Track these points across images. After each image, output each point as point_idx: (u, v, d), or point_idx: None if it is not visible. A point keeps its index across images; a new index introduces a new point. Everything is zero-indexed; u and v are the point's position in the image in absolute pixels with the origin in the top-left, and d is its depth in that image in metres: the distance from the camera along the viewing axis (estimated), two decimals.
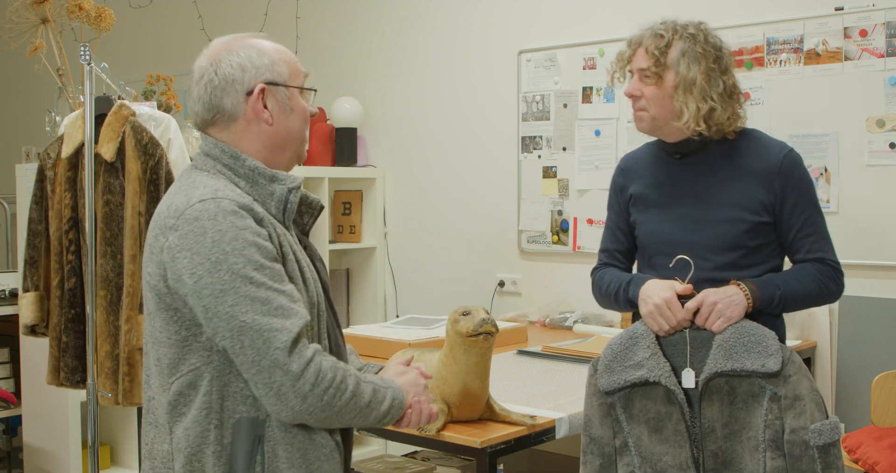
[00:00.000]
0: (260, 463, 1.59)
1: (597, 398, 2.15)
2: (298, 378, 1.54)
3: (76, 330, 3.16)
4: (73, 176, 3.15)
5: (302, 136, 1.75)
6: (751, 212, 2.19)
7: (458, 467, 3.31)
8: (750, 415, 2.05)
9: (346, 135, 4.66)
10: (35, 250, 3.22)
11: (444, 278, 4.54)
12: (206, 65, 1.71)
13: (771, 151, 2.24)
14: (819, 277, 2.21)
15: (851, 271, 3.46)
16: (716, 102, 2.17)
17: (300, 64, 1.76)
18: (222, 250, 1.54)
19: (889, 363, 3.31)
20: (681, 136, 2.24)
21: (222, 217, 1.56)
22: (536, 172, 4.22)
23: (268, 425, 1.60)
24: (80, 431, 3.90)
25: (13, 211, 5.38)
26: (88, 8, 3.50)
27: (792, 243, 2.23)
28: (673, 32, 2.20)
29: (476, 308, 2.23)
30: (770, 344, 2.05)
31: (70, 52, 3.59)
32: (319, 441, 1.64)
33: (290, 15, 5.02)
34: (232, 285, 1.53)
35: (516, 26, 4.28)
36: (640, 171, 2.35)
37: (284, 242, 1.64)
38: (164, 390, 1.64)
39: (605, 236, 2.42)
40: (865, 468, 2.95)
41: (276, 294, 1.55)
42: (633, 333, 2.14)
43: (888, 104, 3.36)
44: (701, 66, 2.17)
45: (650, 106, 2.21)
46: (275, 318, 1.53)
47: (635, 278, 2.25)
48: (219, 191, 1.60)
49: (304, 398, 1.55)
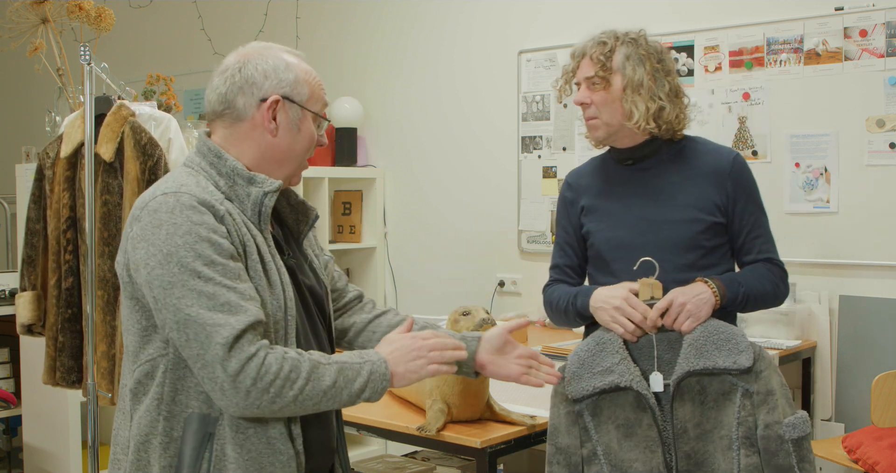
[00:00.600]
0: (207, 460, 1.58)
1: (564, 407, 2.13)
2: (237, 374, 1.53)
3: (73, 330, 3.15)
4: (72, 176, 3.15)
5: (301, 157, 1.76)
6: (706, 212, 2.23)
7: (458, 467, 3.31)
8: (721, 414, 2.07)
9: (346, 135, 4.66)
10: (33, 249, 3.22)
11: (444, 278, 4.54)
12: (233, 61, 1.72)
13: (721, 153, 2.31)
14: (772, 278, 2.27)
15: (851, 270, 3.47)
16: (664, 101, 2.22)
17: (324, 92, 1.78)
18: (174, 243, 1.55)
19: (889, 363, 3.31)
20: (633, 141, 2.28)
21: (179, 211, 1.57)
22: (536, 172, 4.22)
23: (220, 423, 1.60)
24: (80, 431, 3.90)
25: (13, 211, 5.38)
26: (88, 8, 3.49)
27: (742, 245, 2.29)
28: (615, 39, 2.25)
29: (476, 308, 2.23)
30: (740, 341, 2.07)
31: (70, 52, 3.58)
32: (278, 447, 1.62)
33: (290, 15, 5.02)
34: (180, 279, 1.54)
35: (516, 26, 4.28)
36: (588, 183, 2.38)
37: (250, 242, 1.64)
38: (129, 376, 1.66)
39: (555, 252, 2.44)
40: (865, 468, 2.95)
41: (225, 290, 1.55)
42: (600, 339, 2.13)
43: (888, 104, 3.36)
44: (646, 67, 2.22)
45: (601, 112, 2.25)
46: (219, 313, 1.53)
47: (583, 291, 2.26)
48: (183, 186, 1.61)
49: (247, 394, 1.53)
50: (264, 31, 5.12)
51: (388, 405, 2.58)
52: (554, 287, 2.39)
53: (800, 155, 3.55)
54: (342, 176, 4.63)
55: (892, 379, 3.10)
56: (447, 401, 2.28)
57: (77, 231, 3.13)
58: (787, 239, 3.52)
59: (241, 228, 1.64)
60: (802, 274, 3.53)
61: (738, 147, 3.66)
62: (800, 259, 3.53)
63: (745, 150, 3.65)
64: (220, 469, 1.59)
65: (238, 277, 1.58)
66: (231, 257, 1.58)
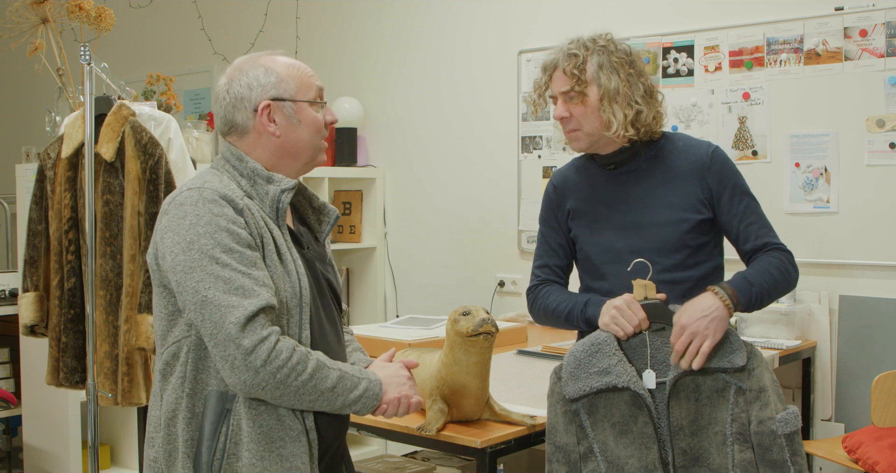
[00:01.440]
0: (224, 434, 1.72)
1: (561, 406, 2.16)
2: (250, 353, 1.66)
3: (75, 330, 3.15)
4: (73, 176, 3.15)
5: (313, 144, 1.89)
6: (690, 210, 2.25)
7: (458, 467, 3.31)
8: (715, 410, 2.09)
9: (346, 135, 4.66)
10: (35, 249, 3.22)
11: (444, 278, 4.54)
12: (223, 84, 1.88)
13: (698, 149, 2.31)
14: (780, 264, 2.26)
15: (852, 270, 3.47)
16: (640, 105, 2.23)
17: (314, 78, 1.90)
18: (196, 232, 1.70)
19: (889, 363, 3.32)
20: (614, 146, 2.30)
21: (202, 204, 1.73)
22: (536, 172, 4.22)
23: (236, 401, 1.73)
24: (80, 431, 3.90)
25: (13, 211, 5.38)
26: (88, 8, 3.49)
27: (738, 234, 2.28)
28: (585, 49, 2.25)
29: (476, 308, 2.23)
30: (733, 340, 2.10)
31: (70, 52, 3.59)
32: (288, 423, 1.76)
33: (290, 15, 5.02)
34: (200, 264, 1.68)
35: (516, 26, 4.28)
36: (573, 186, 2.40)
37: (267, 235, 1.79)
38: (159, 360, 1.82)
39: (542, 251, 2.45)
40: (865, 468, 2.95)
41: (241, 276, 1.69)
42: (596, 340, 2.15)
43: (888, 104, 3.36)
44: (620, 74, 2.23)
45: (582, 124, 2.26)
46: (234, 296, 1.67)
47: (593, 299, 2.25)
48: (207, 182, 1.78)
49: (256, 373, 1.67)
50: (264, 31, 5.12)
51: None
52: (548, 289, 2.40)
53: (800, 155, 3.55)
54: (342, 176, 4.63)
55: (892, 379, 3.10)
56: (447, 401, 2.28)
57: (79, 231, 3.13)
58: (787, 239, 3.48)
59: (259, 221, 1.78)
60: (802, 274, 3.46)
61: (738, 147, 3.66)
62: (800, 259, 3.48)
63: (745, 150, 3.65)
64: (236, 442, 1.72)
65: (254, 264, 1.72)
66: (248, 246, 1.73)
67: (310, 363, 1.72)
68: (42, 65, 3.64)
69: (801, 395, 3.56)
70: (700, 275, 2.27)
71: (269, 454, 1.73)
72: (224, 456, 1.72)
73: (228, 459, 1.72)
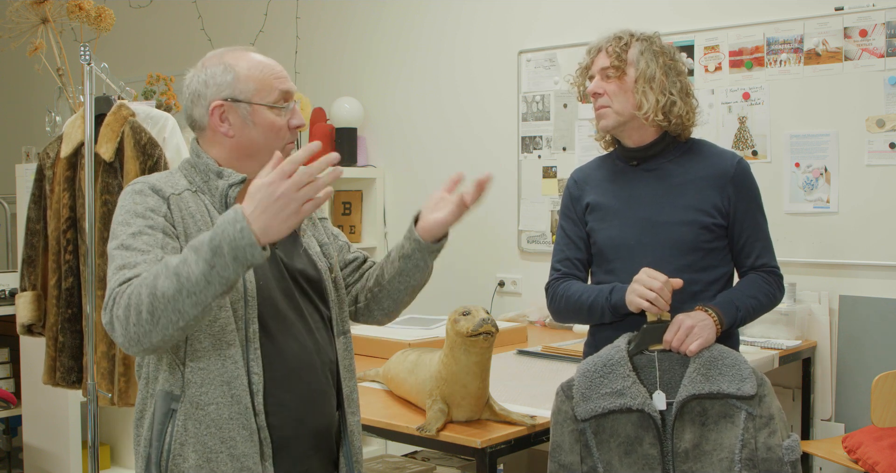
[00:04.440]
0: (169, 434, 1.70)
1: (569, 425, 2.15)
2: (112, 329, 1.64)
3: (73, 330, 3.15)
4: (72, 176, 3.15)
5: (272, 146, 1.78)
6: (706, 214, 2.26)
7: (458, 467, 3.31)
8: (721, 436, 2.09)
9: (346, 135, 4.66)
10: (33, 249, 3.22)
11: (444, 278, 4.52)
12: (187, 77, 1.86)
13: (724, 157, 2.33)
14: (768, 288, 2.31)
15: (852, 270, 3.47)
16: (675, 97, 2.25)
17: (280, 80, 1.79)
18: (116, 221, 1.74)
19: (889, 363, 3.31)
20: (641, 139, 2.30)
21: (129, 196, 1.76)
22: (536, 172, 4.22)
23: (181, 401, 1.70)
24: (79, 431, 3.90)
25: (13, 211, 5.38)
26: (88, 8, 3.49)
27: (742, 248, 2.31)
28: (630, 36, 2.31)
29: (476, 308, 2.23)
30: (743, 368, 2.11)
31: (70, 52, 3.58)
32: (237, 422, 1.70)
33: (290, 15, 5.02)
34: (113, 253, 1.70)
35: (516, 26, 4.28)
36: (594, 181, 2.40)
37: (204, 226, 1.73)
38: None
39: (563, 245, 2.43)
40: (865, 468, 2.95)
41: (132, 253, 1.67)
42: (609, 360, 2.14)
43: (888, 104, 3.36)
44: (659, 62, 2.27)
45: (613, 101, 2.28)
46: (115, 274, 1.67)
47: (618, 286, 2.24)
48: (150, 178, 1.80)
49: (120, 337, 1.61)
50: (264, 31, 5.11)
51: (389, 406, 2.58)
52: (567, 283, 2.38)
53: (800, 155, 3.55)
54: (342, 176, 4.62)
55: (892, 379, 3.10)
56: (447, 401, 2.28)
57: (77, 231, 3.13)
58: (787, 239, 3.52)
59: (204, 214, 1.76)
60: (802, 274, 3.53)
61: (737, 147, 3.66)
62: (800, 259, 3.53)
63: (745, 150, 3.65)
64: (182, 443, 1.69)
65: (152, 247, 1.68)
66: (162, 230, 1.71)
67: (143, 287, 1.58)
68: (42, 65, 3.64)
69: (801, 395, 3.56)
70: (711, 279, 2.27)
71: (216, 455, 1.69)
72: (170, 457, 1.69)
73: (174, 459, 1.69)
